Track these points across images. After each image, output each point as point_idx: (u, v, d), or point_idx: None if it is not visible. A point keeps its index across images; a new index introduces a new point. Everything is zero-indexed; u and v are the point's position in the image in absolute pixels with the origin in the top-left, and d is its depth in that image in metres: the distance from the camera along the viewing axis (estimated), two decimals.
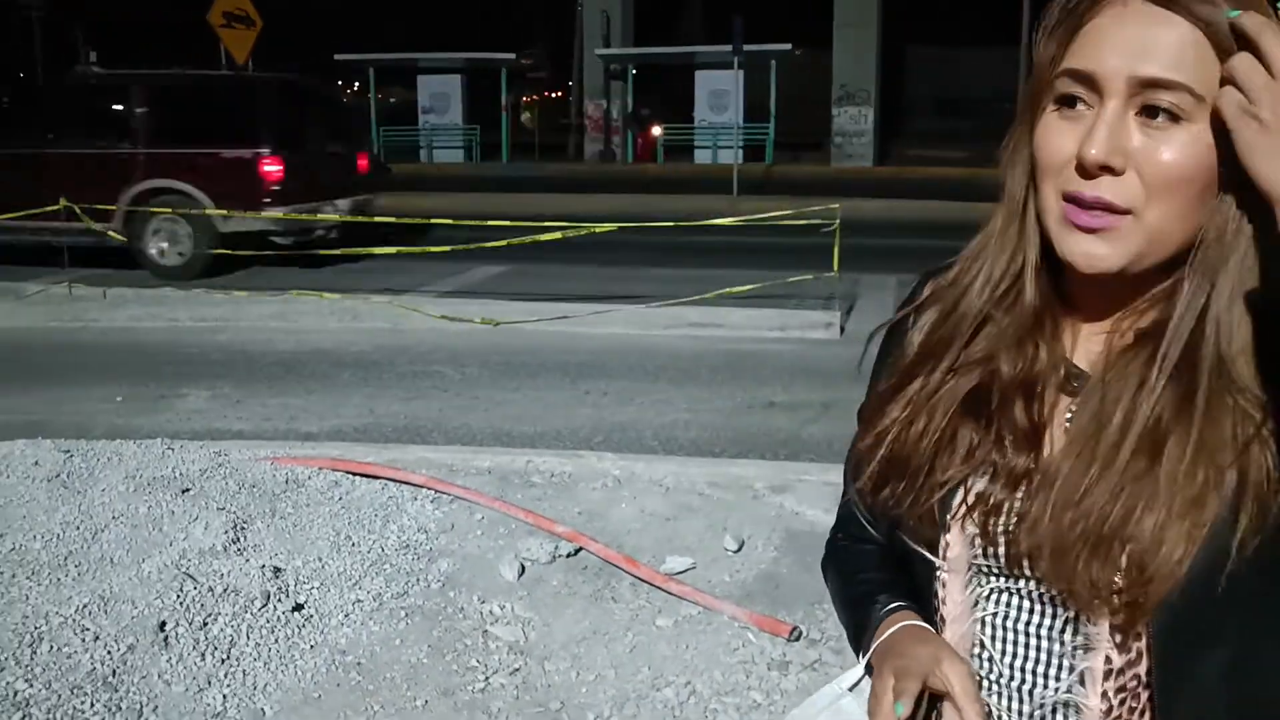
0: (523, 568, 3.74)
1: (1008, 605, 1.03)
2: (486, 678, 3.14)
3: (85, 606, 3.27)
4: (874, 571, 1.16)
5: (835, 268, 8.73)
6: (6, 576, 3.49)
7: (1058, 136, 0.97)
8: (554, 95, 53.07)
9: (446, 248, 9.58)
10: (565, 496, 4.38)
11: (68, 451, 4.54)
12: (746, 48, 18.82)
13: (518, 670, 3.19)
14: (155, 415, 6.19)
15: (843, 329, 8.23)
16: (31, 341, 8.29)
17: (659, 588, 3.65)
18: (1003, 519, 1.01)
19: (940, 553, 1.05)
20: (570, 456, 4.83)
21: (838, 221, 8.67)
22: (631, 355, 7.60)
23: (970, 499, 1.03)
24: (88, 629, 3.16)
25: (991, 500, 1.02)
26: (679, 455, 5.28)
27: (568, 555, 3.84)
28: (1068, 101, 0.97)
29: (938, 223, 14.93)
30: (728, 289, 8.97)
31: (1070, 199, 0.96)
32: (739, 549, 3.97)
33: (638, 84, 29.90)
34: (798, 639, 3.38)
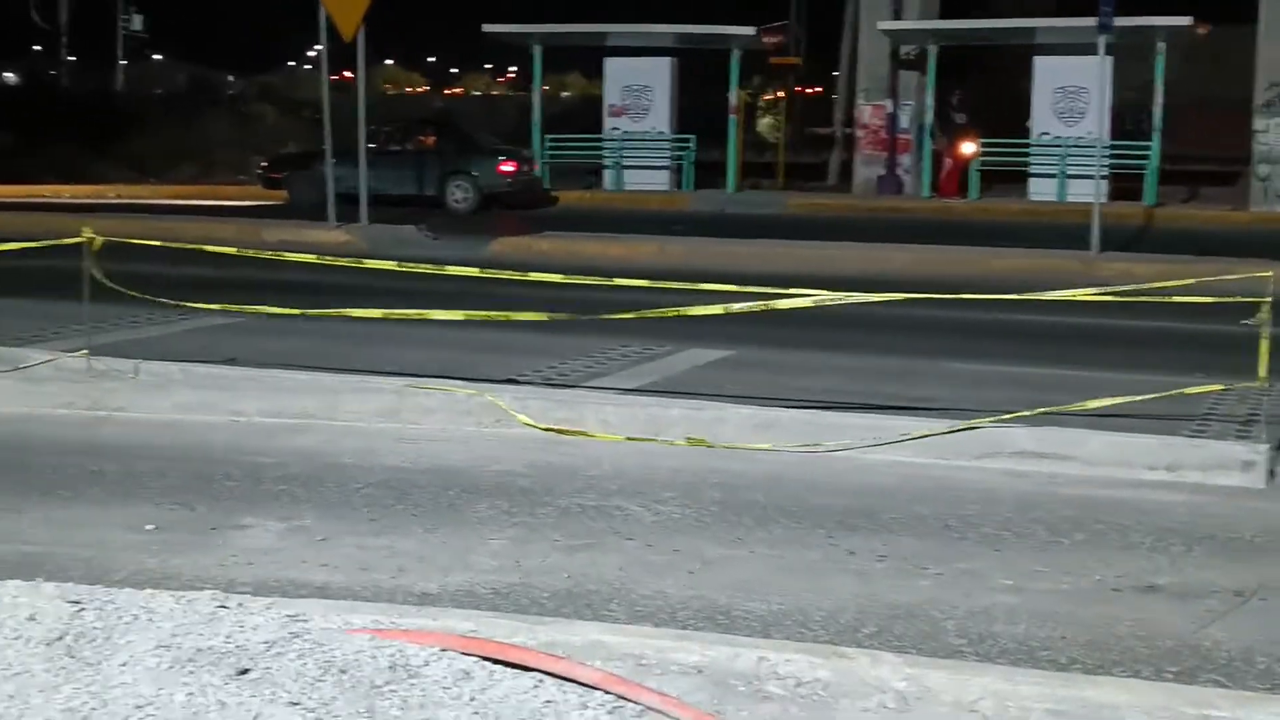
0: None
1: None
2: None
3: None
4: None
5: (1262, 374, 8.42)
6: None
7: None
8: (809, 91, 53.74)
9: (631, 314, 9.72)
10: (820, 719, 4.31)
11: (76, 603, 4.72)
12: (1119, 22, 18.56)
13: None
14: (203, 554, 6.40)
15: (1273, 472, 7.92)
16: (33, 436, 8.76)
17: None
18: None
19: None
20: (827, 656, 4.73)
21: (1268, 301, 8.37)
22: (923, 498, 7.48)
23: None
24: None
25: None
26: (999, 663, 5.12)
27: None
28: None
29: None
30: (1080, 402, 8.74)
31: None
32: None
33: (942, 77, 29.90)
34: None
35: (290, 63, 79.60)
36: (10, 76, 64.92)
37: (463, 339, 11.73)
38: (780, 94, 42.56)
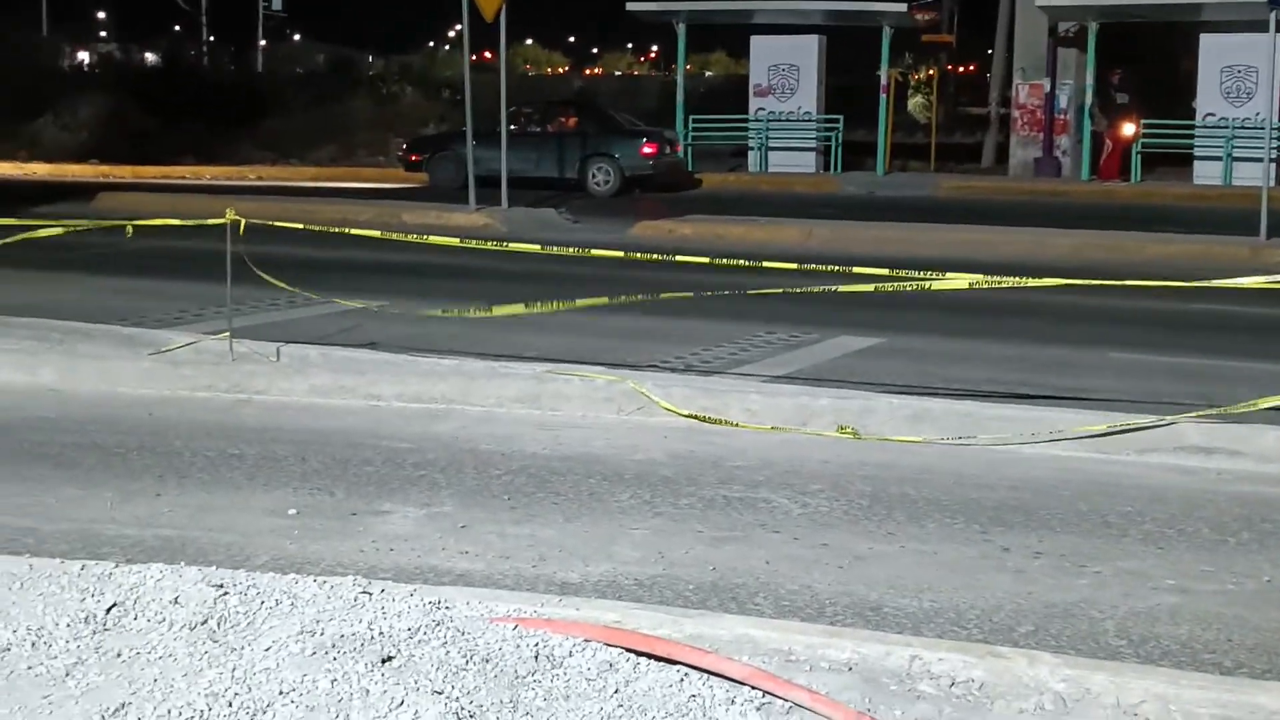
0: None
1: None
2: None
3: None
4: None
5: None
6: None
7: None
8: (962, 70, 53.22)
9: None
10: None
11: (220, 587, 4.82)
12: None
13: None
14: (344, 540, 6.52)
15: None
16: (173, 418, 8.96)
17: None
18: None
19: None
20: (982, 655, 4.69)
21: None
22: (1082, 494, 7.40)
23: None
24: None
25: None
26: (1162, 666, 5.05)
27: None
28: None
29: None
30: (1252, 401, 8.59)
31: None
32: None
33: (1103, 55, 29.46)
34: None
35: (430, 43, 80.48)
36: (151, 58, 66.27)
37: (603, 325, 11.78)
38: (932, 73, 42.22)
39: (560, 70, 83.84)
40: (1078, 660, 4.82)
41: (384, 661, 4.29)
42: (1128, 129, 28.87)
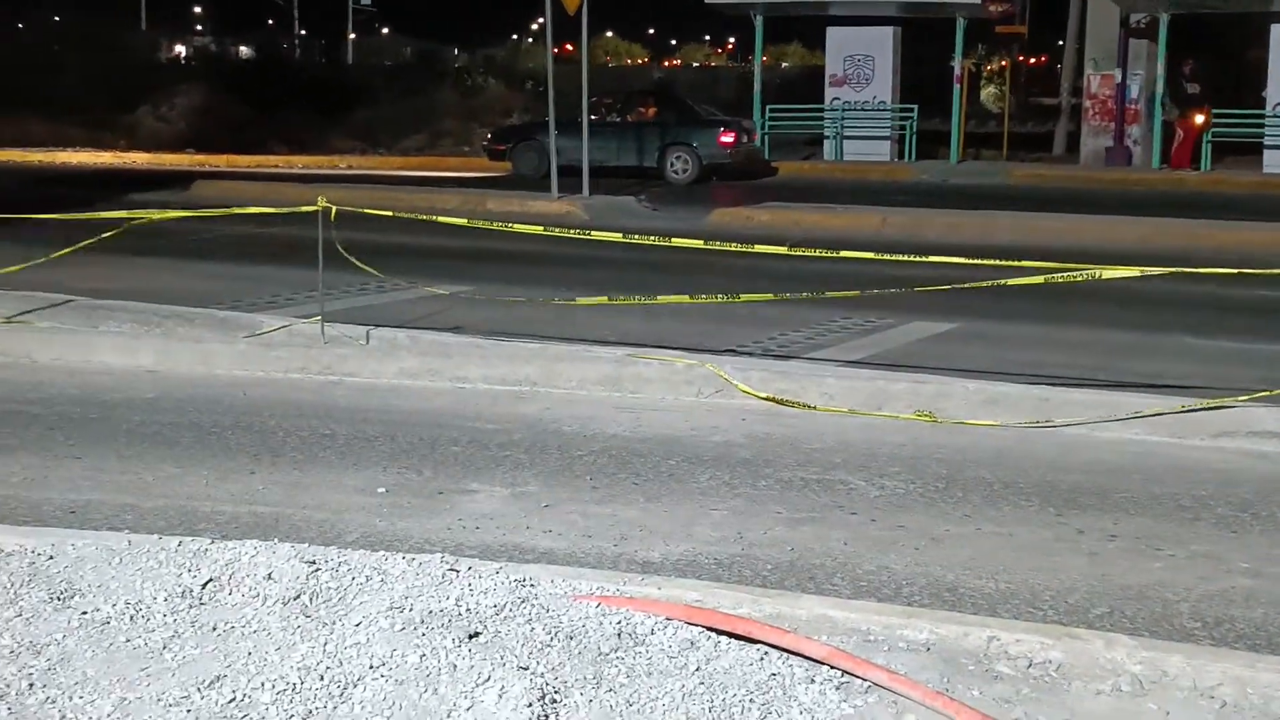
0: None
1: None
2: None
3: None
4: None
5: None
6: None
7: None
8: (1034, 61, 52.79)
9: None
10: (1051, 702, 4.23)
11: (312, 563, 4.85)
12: None
13: None
14: (431, 518, 6.54)
15: None
16: (265, 399, 9.03)
17: None
18: None
19: None
20: (1059, 637, 4.65)
21: None
22: (1157, 478, 7.33)
23: None
24: None
25: None
26: (1239, 649, 4.99)
27: None
28: None
29: None
30: None
31: None
32: None
33: (1174, 45, 29.12)
34: None
35: (514, 36, 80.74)
36: (245, 51, 66.98)
37: (682, 309, 11.75)
38: (1004, 63, 41.91)
39: (640, 62, 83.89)
40: (1154, 642, 4.77)
41: (471, 637, 4.29)
42: (1198, 119, 28.58)
